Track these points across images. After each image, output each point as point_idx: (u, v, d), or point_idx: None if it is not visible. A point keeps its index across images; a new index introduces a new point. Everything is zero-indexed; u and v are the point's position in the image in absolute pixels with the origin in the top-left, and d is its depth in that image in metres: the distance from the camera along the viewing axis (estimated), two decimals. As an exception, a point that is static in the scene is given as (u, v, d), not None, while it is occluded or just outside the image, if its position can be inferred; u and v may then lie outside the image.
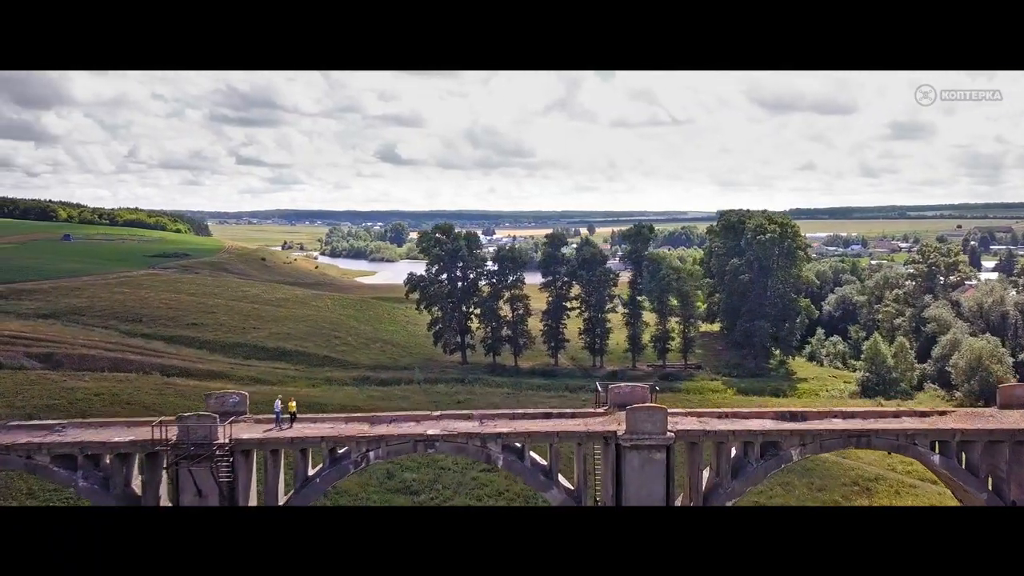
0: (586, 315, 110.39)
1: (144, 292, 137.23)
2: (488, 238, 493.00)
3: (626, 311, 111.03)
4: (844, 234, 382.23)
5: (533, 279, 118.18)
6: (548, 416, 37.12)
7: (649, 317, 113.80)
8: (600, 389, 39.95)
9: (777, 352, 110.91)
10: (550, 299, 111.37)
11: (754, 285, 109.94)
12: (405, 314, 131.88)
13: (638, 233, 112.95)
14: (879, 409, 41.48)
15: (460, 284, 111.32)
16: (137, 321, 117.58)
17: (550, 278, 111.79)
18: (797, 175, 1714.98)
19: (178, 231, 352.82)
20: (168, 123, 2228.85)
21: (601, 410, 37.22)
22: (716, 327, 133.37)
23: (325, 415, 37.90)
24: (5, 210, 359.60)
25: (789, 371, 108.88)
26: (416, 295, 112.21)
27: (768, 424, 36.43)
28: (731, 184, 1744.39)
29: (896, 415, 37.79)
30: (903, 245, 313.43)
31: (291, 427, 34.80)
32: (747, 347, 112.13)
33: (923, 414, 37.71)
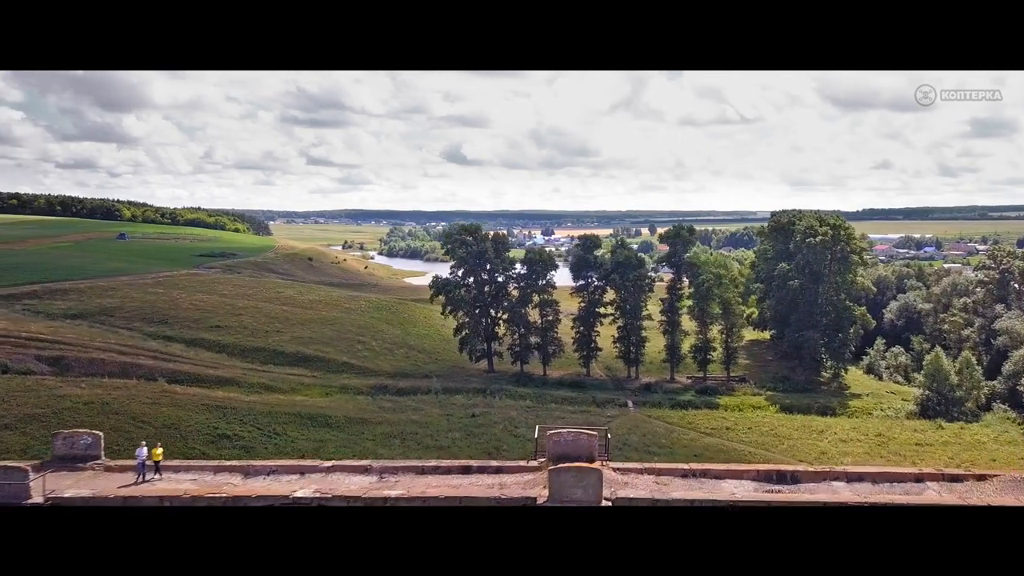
0: (620, 322, 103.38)
1: (177, 293, 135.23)
2: (546, 238, 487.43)
3: (663, 318, 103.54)
4: (917, 235, 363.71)
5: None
6: (467, 471, 30.52)
7: (690, 325, 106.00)
8: (538, 435, 32.76)
9: (829, 364, 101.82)
10: (582, 304, 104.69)
11: (804, 292, 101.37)
12: (440, 317, 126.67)
13: (676, 234, 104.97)
14: (895, 470, 33.56)
15: (487, 288, 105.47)
16: (163, 323, 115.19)
17: (582, 282, 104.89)
18: (872, 174, 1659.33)
19: (236, 230, 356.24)
20: (242, 124, 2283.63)
21: (535, 463, 30.52)
22: (767, 335, 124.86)
23: (196, 462, 32.11)
24: (72, 209, 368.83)
25: (842, 385, 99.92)
26: (442, 299, 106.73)
27: (744, 489, 28.64)
28: (803, 183, 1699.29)
29: (918, 478, 29.94)
30: (981, 248, 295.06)
31: (155, 478, 29.33)
32: (797, 359, 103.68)
33: (954, 479, 29.86)
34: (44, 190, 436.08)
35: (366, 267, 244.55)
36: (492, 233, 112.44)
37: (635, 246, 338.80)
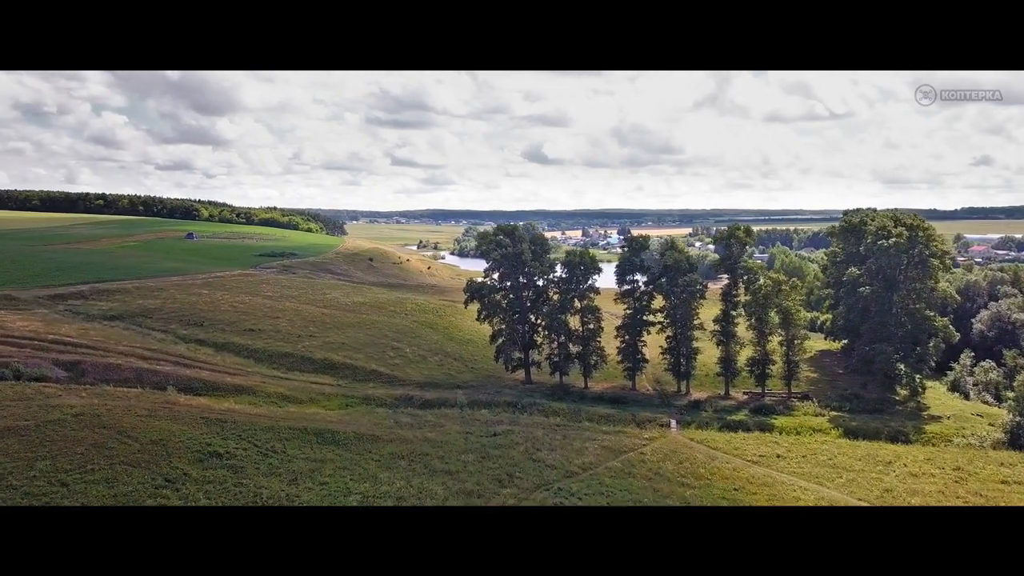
0: (669, 331, 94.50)
1: (221, 294, 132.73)
2: (621, 237, 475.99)
3: (717, 327, 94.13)
4: (1019, 235, 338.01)
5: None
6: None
7: (747, 335, 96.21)
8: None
9: (905, 381, 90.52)
10: (628, 311, 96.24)
11: (877, 300, 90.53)
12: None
13: (731, 235, 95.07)
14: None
15: (525, 293, 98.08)
16: (198, 325, 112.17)
17: (628, 287, 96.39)
18: (972, 171, 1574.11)
19: (309, 230, 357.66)
20: (328, 126, 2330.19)
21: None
22: (838, 346, 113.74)
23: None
24: (154, 209, 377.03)
25: (920, 406, 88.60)
26: (477, 305, 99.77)
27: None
28: (897, 181, 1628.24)
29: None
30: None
31: None
32: (868, 374, 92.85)
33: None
34: (145, 191, 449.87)
35: (428, 267, 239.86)
36: (531, 234, 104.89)
37: (711, 246, 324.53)
